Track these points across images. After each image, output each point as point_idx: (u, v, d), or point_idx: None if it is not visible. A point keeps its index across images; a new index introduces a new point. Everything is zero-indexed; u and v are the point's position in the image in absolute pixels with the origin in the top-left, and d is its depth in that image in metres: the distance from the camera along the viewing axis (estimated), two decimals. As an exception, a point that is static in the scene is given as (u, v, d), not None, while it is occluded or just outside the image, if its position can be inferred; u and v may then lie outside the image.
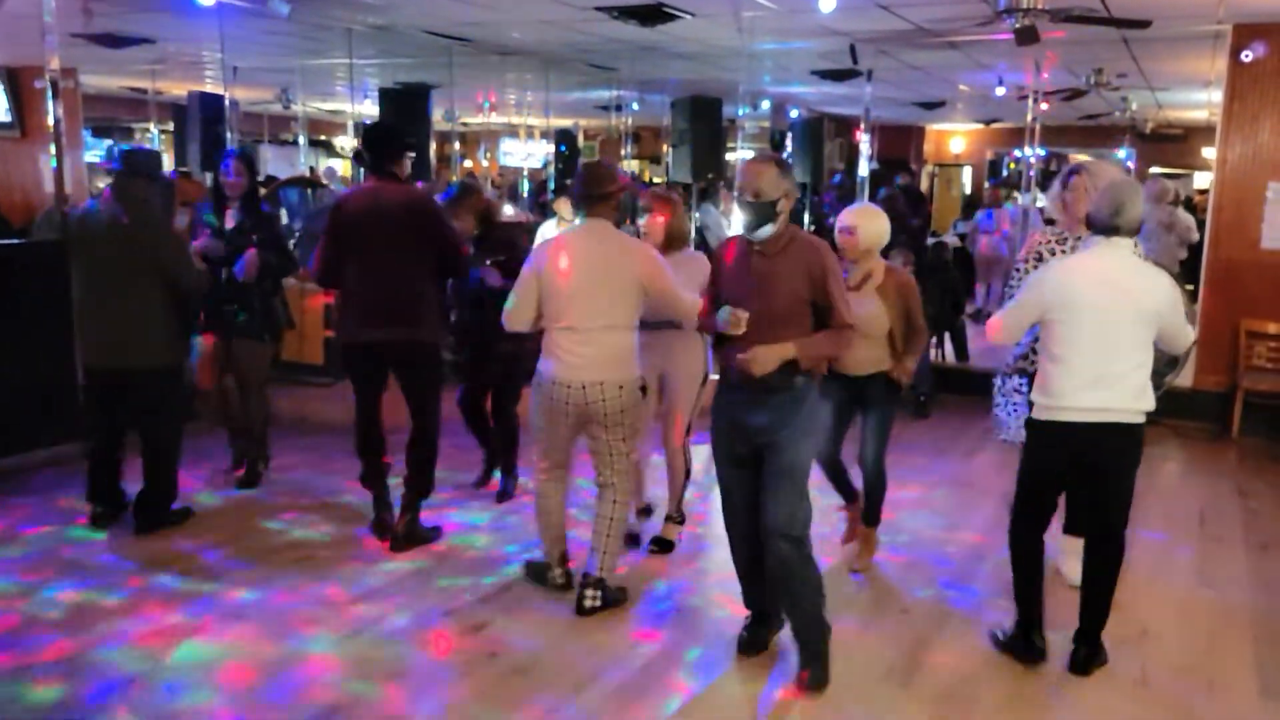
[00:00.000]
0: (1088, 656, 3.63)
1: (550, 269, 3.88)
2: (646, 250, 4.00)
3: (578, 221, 4.07)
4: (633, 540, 4.65)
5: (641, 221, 4.49)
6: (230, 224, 5.18)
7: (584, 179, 3.99)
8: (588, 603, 3.98)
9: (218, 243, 5.10)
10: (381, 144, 4.57)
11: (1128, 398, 3.46)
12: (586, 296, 3.84)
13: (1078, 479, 3.65)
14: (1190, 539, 5.12)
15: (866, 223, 4.17)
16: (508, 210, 12.97)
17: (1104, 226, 3.48)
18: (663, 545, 4.69)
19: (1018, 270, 4.27)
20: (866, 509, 4.50)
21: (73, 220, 4.87)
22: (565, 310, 3.87)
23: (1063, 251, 4.11)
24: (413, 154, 4.70)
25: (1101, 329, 3.42)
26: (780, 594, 3.56)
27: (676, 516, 4.78)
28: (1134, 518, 3.71)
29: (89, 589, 4.18)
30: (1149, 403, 3.50)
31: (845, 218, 4.24)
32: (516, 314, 4.02)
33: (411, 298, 4.44)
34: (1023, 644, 3.68)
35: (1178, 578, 4.60)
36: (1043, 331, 3.58)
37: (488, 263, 5.02)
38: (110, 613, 3.97)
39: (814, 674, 3.45)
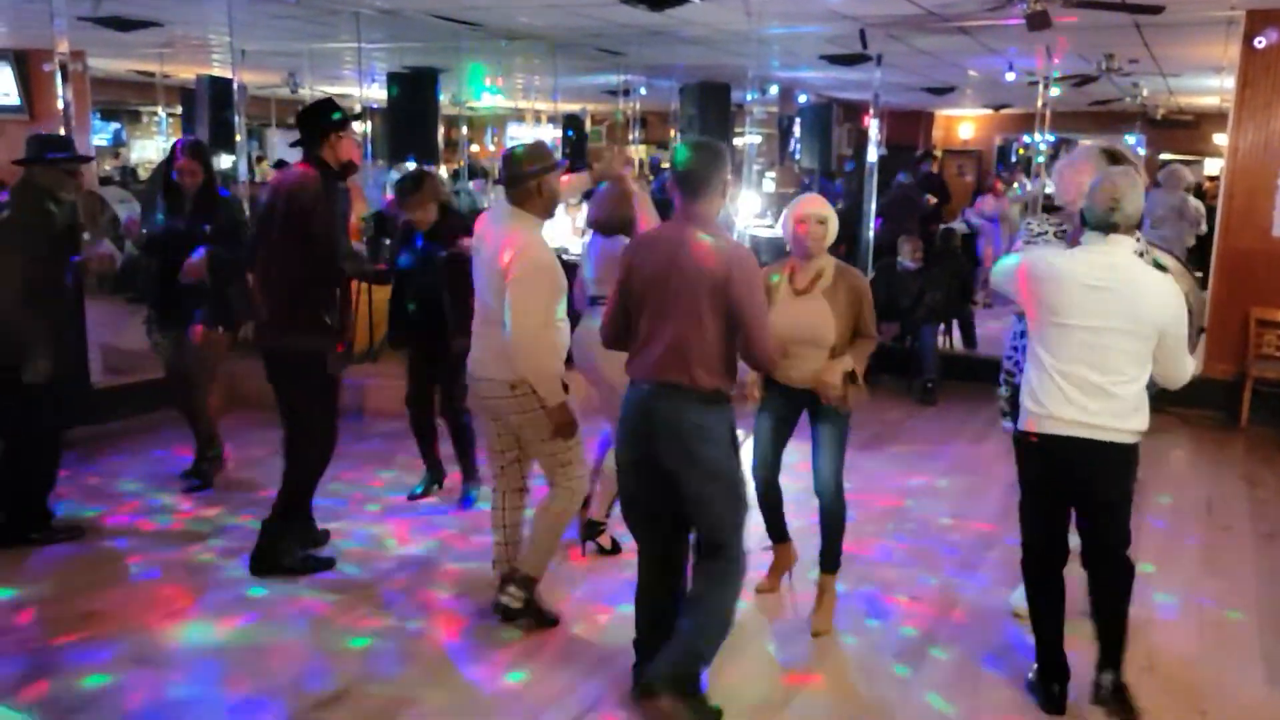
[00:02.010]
0: (1111, 690, 3.27)
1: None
2: (523, 241, 3.46)
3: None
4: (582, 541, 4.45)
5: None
6: (185, 212, 5.00)
7: (503, 160, 3.67)
8: (502, 599, 3.73)
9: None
10: (309, 122, 4.06)
11: (1118, 415, 3.09)
12: (480, 288, 3.63)
13: (1070, 497, 3.27)
14: (1198, 528, 5.12)
15: (833, 214, 3.77)
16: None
17: (1099, 224, 3.11)
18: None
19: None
20: (825, 549, 3.89)
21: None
22: (476, 301, 3.70)
23: (1060, 238, 3.65)
24: (344, 133, 4.05)
25: (1093, 339, 3.08)
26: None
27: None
28: (1141, 506, 3.73)
29: (98, 570, 4.21)
30: (1142, 422, 3.13)
31: (814, 205, 3.75)
32: None
33: (283, 298, 3.99)
34: (1042, 692, 3.34)
35: (1185, 566, 4.60)
36: (1029, 326, 3.26)
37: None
38: (123, 594, 4.01)
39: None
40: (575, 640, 3.72)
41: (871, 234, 8.58)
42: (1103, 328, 3.06)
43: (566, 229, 8.92)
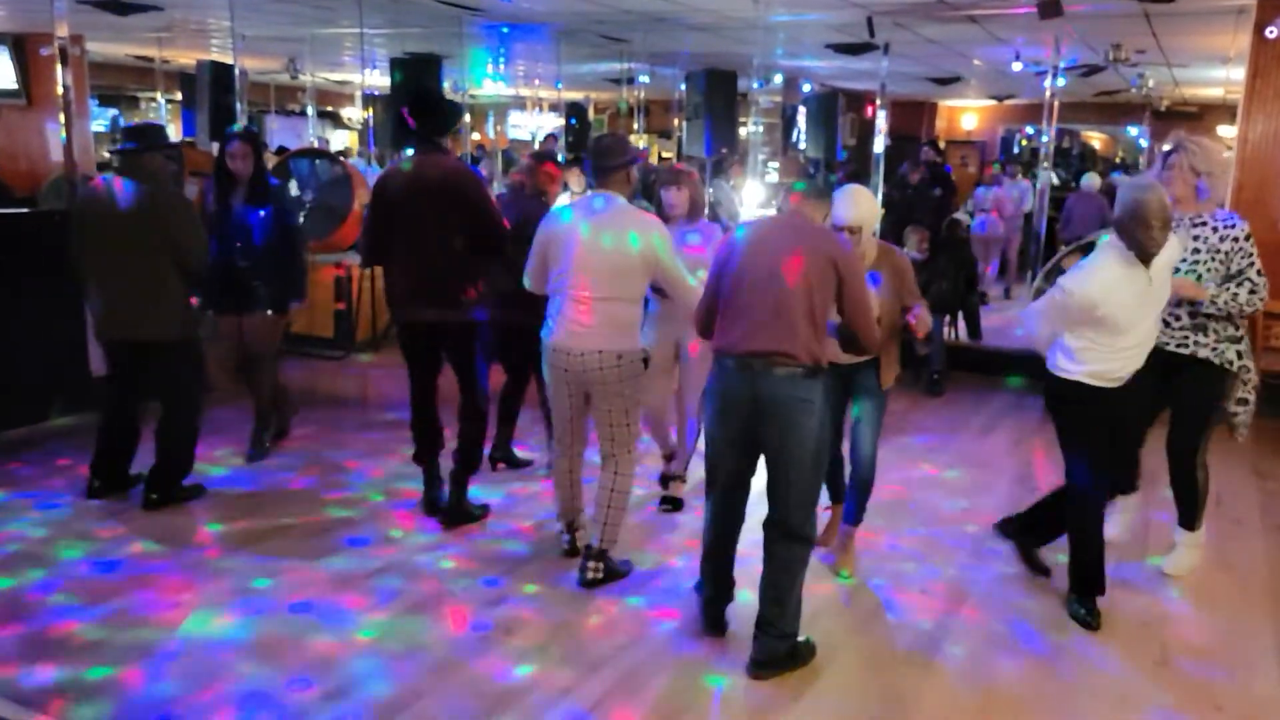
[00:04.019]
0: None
1: (558, 236, 3.93)
2: (657, 226, 3.93)
3: (587, 192, 4.08)
4: (674, 504, 4.90)
5: (668, 194, 4.55)
6: (237, 204, 5.17)
7: (596, 150, 4.03)
8: (589, 575, 4.02)
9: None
10: (436, 113, 4.41)
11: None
12: (591, 267, 3.84)
13: None
14: (1208, 521, 5.03)
15: (865, 213, 3.84)
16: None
17: None
18: (674, 503, 4.89)
19: None
20: (852, 506, 4.25)
21: (82, 196, 4.81)
22: (570, 278, 3.88)
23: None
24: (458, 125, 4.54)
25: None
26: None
27: (683, 475, 4.99)
28: (1150, 499, 3.74)
29: (104, 562, 4.17)
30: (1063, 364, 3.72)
31: (847, 216, 3.79)
32: (530, 276, 4.14)
33: (452, 276, 4.35)
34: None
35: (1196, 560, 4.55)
36: None
37: None
38: (127, 585, 3.96)
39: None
40: (584, 633, 3.68)
41: (878, 224, 8.52)
42: None
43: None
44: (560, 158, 11.77)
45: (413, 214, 4.30)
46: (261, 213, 5.17)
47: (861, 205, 3.84)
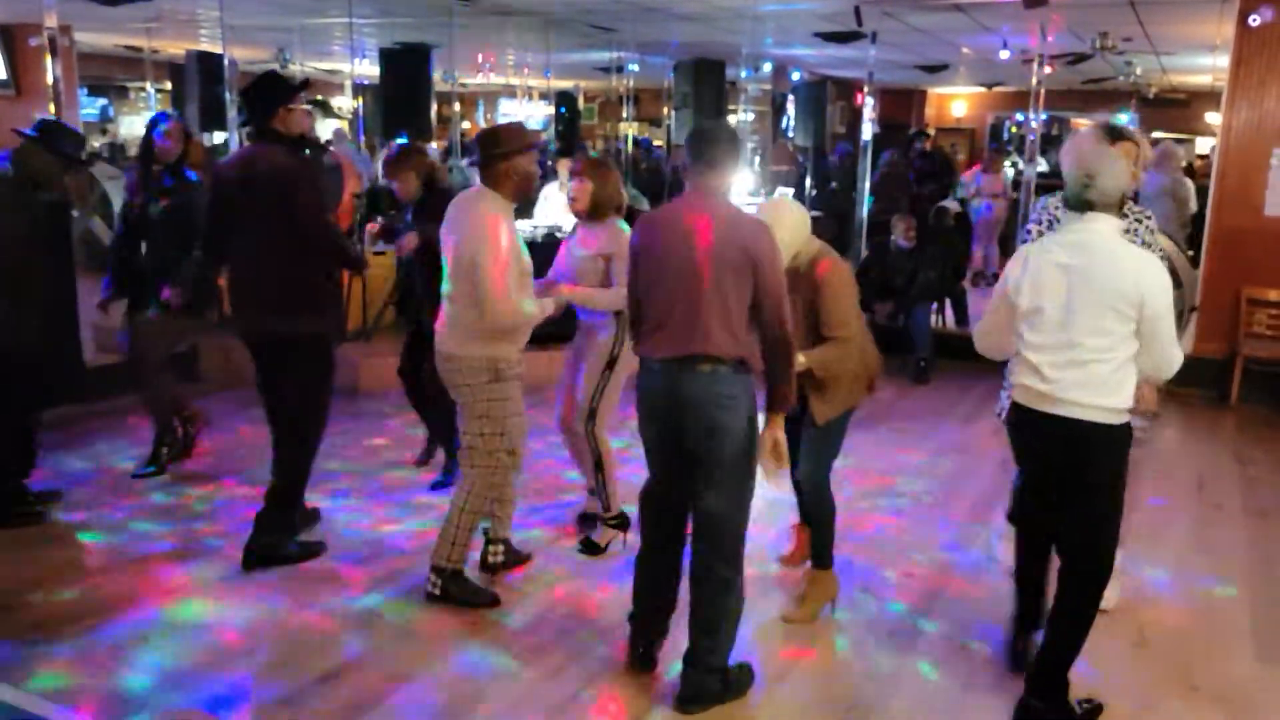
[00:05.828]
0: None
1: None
2: (482, 221, 3.53)
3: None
4: (590, 547, 4.32)
5: (571, 185, 4.21)
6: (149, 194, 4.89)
7: (477, 140, 3.77)
8: (427, 588, 3.80)
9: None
10: (256, 98, 3.89)
11: (1095, 392, 2.93)
12: (447, 263, 3.69)
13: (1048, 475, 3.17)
14: (1189, 505, 5.15)
15: (789, 234, 3.44)
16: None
17: (1075, 201, 2.99)
18: (589, 547, 4.31)
19: (1027, 234, 3.87)
20: (814, 544, 3.80)
21: None
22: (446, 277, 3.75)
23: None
24: (302, 105, 3.93)
25: (1066, 317, 2.95)
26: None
27: (608, 517, 4.31)
28: (1133, 483, 3.71)
29: (86, 551, 4.22)
30: (1122, 400, 2.95)
31: None
32: None
33: (279, 282, 3.84)
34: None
35: (1176, 543, 4.63)
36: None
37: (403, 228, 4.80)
38: (107, 577, 4.00)
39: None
40: (568, 619, 3.73)
41: (865, 213, 8.57)
42: (1076, 305, 2.93)
43: (559, 207, 8.86)
44: (551, 146, 11.89)
45: (243, 211, 3.86)
46: (160, 203, 4.84)
47: (784, 223, 3.44)
